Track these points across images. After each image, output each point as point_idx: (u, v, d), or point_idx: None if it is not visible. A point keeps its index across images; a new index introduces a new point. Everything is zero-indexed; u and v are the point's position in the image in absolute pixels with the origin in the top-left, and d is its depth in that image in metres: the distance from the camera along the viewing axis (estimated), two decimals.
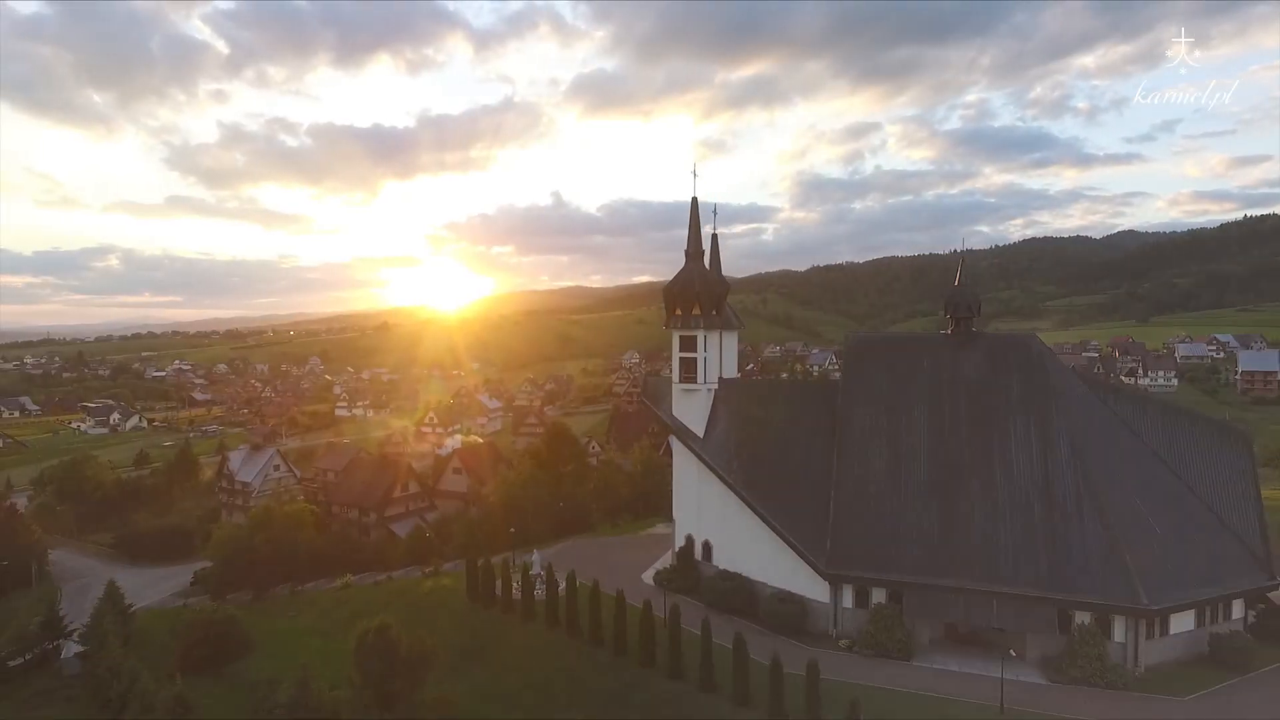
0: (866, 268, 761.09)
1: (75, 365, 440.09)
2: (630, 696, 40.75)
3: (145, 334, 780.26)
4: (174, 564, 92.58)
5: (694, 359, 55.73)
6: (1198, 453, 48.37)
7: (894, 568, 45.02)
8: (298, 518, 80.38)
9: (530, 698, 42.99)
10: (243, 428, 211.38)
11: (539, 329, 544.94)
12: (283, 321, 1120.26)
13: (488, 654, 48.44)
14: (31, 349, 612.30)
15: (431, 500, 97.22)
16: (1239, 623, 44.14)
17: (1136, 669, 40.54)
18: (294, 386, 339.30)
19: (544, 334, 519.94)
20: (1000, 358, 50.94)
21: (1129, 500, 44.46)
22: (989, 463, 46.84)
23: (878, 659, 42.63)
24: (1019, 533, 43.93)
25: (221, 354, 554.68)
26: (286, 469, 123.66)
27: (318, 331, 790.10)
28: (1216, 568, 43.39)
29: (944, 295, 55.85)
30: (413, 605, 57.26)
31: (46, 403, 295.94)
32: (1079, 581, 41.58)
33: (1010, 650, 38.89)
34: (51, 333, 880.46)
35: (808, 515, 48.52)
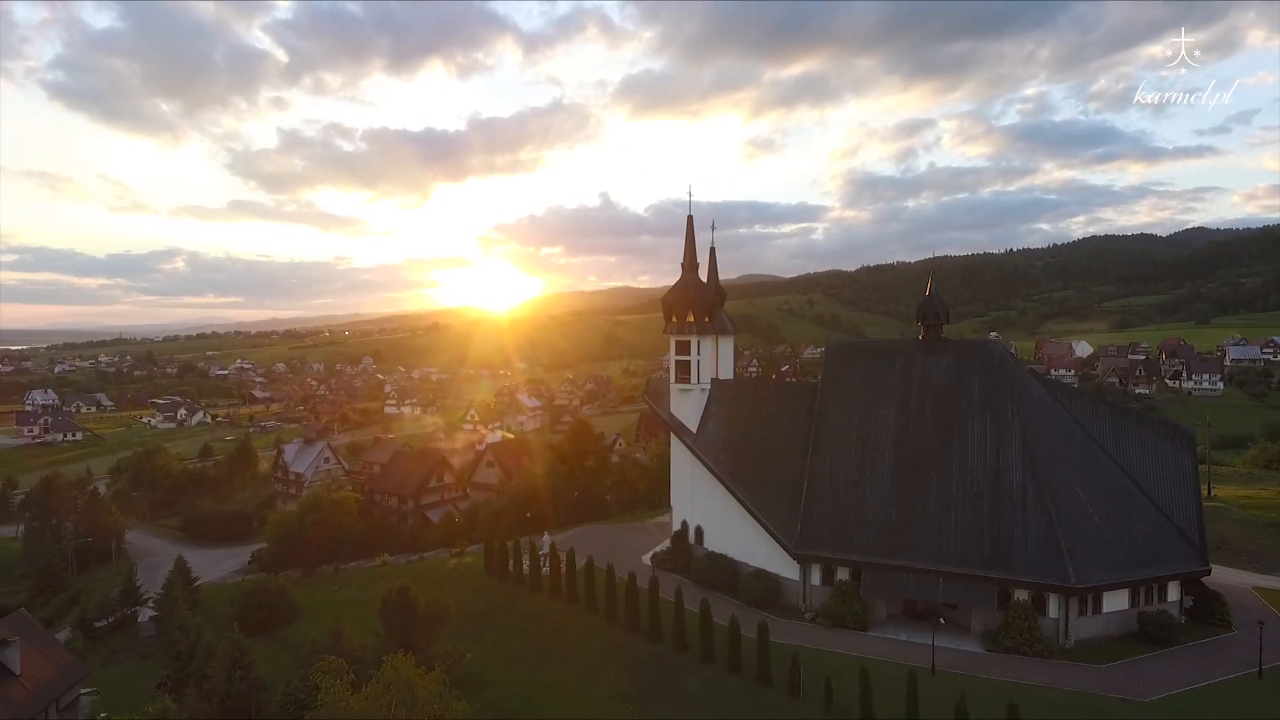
0: (917, 267, 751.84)
1: (145, 364, 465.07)
2: (615, 655, 46.97)
3: (209, 334, 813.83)
4: (234, 545, 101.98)
5: (688, 361, 61.72)
6: (1144, 450, 52.58)
7: (855, 549, 50.34)
8: (343, 505, 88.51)
9: (531, 656, 49.53)
10: (298, 424, 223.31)
11: (586, 329, 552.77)
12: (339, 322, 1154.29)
13: (499, 620, 55.19)
14: (105, 348, 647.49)
15: (465, 490, 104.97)
16: (1175, 605, 48.35)
17: (1066, 641, 45.18)
18: (347, 385, 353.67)
19: (591, 334, 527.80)
20: (965, 362, 55.73)
21: (1072, 491, 48.97)
22: (947, 457, 51.75)
23: (836, 629, 48.00)
24: (968, 520, 48.83)
25: (280, 353, 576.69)
26: (336, 461, 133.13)
27: (371, 332, 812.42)
28: (1151, 553, 47.67)
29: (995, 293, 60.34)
30: (438, 579, 64.45)
31: (120, 399, 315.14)
32: (1017, 563, 46.37)
33: (940, 619, 44.06)
34: (123, 333, 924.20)
35: (783, 503, 54.10)
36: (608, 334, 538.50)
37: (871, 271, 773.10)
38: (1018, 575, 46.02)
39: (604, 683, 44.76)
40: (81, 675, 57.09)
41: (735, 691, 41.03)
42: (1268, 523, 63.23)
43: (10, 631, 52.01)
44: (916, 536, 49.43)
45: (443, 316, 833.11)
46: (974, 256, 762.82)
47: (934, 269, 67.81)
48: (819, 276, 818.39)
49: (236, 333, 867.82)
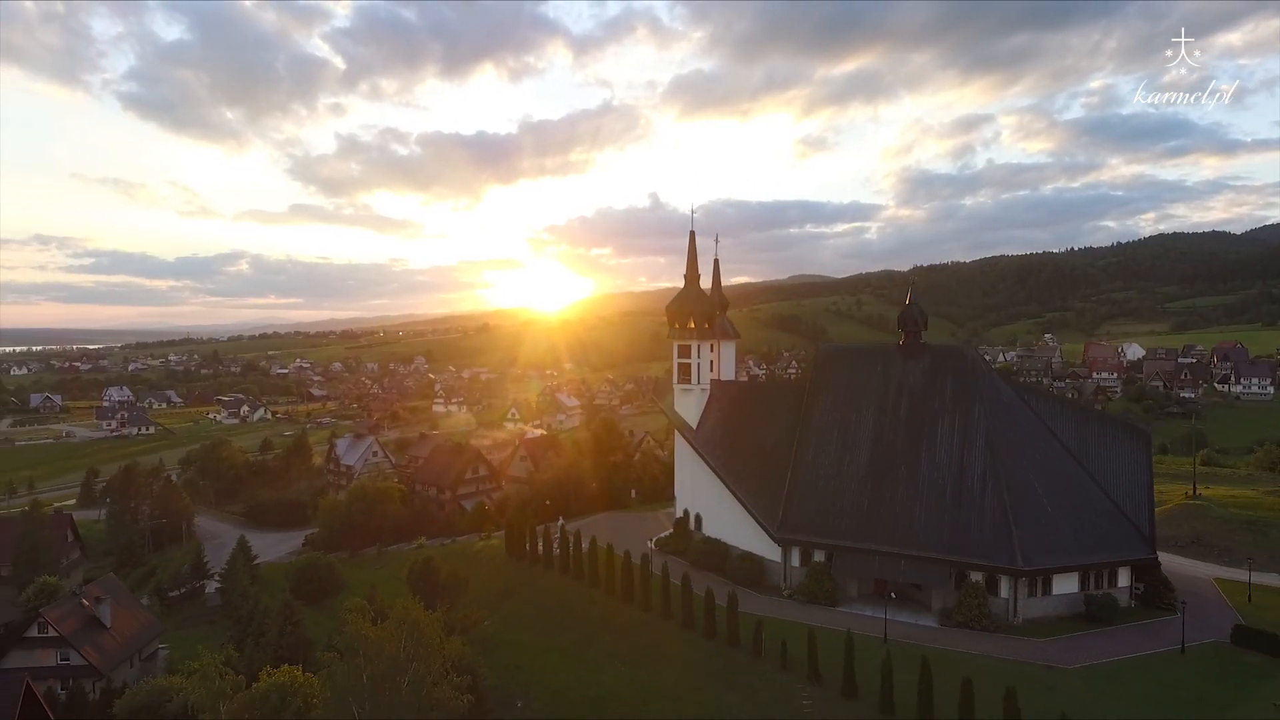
0: (972, 268, 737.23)
1: (211, 363, 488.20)
2: (611, 622, 53.40)
3: (271, 334, 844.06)
4: (290, 530, 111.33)
5: (689, 364, 67.82)
6: (1103, 448, 56.89)
7: (830, 534, 55.85)
8: (386, 494, 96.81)
9: (540, 623, 56.25)
10: (352, 421, 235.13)
11: (634, 330, 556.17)
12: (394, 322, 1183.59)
13: (515, 593, 62.10)
14: (174, 347, 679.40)
15: (499, 482, 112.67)
16: (1125, 590, 52.68)
17: (1015, 619, 50.04)
18: (399, 384, 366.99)
19: (639, 335, 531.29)
20: (939, 366, 60.71)
21: (1028, 484, 53.65)
22: (917, 452, 56.87)
23: (809, 605, 53.53)
24: (931, 508, 53.90)
25: (337, 353, 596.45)
26: (383, 455, 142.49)
27: (424, 332, 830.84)
28: (1100, 542, 52.12)
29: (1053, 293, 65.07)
30: (466, 559, 71.76)
31: (188, 396, 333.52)
32: (972, 548, 51.34)
33: (891, 594, 49.43)
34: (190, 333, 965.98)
35: (769, 492, 59.78)
36: (655, 334, 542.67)
37: (924, 272, 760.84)
38: (972, 558, 51.01)
39: (600, 646, 51.25)
40: (159, 633, 66.09)
41: (708, 652, 47.10)
42: (1242, 520, 66.37)
43: (102, 592, 60.99)
44: (885, 523, 54.69)
45: (494, 317, 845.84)
46: (1031, 256, 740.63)
47: (914, 281, 72.55)
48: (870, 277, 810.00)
49: (296, 333, 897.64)
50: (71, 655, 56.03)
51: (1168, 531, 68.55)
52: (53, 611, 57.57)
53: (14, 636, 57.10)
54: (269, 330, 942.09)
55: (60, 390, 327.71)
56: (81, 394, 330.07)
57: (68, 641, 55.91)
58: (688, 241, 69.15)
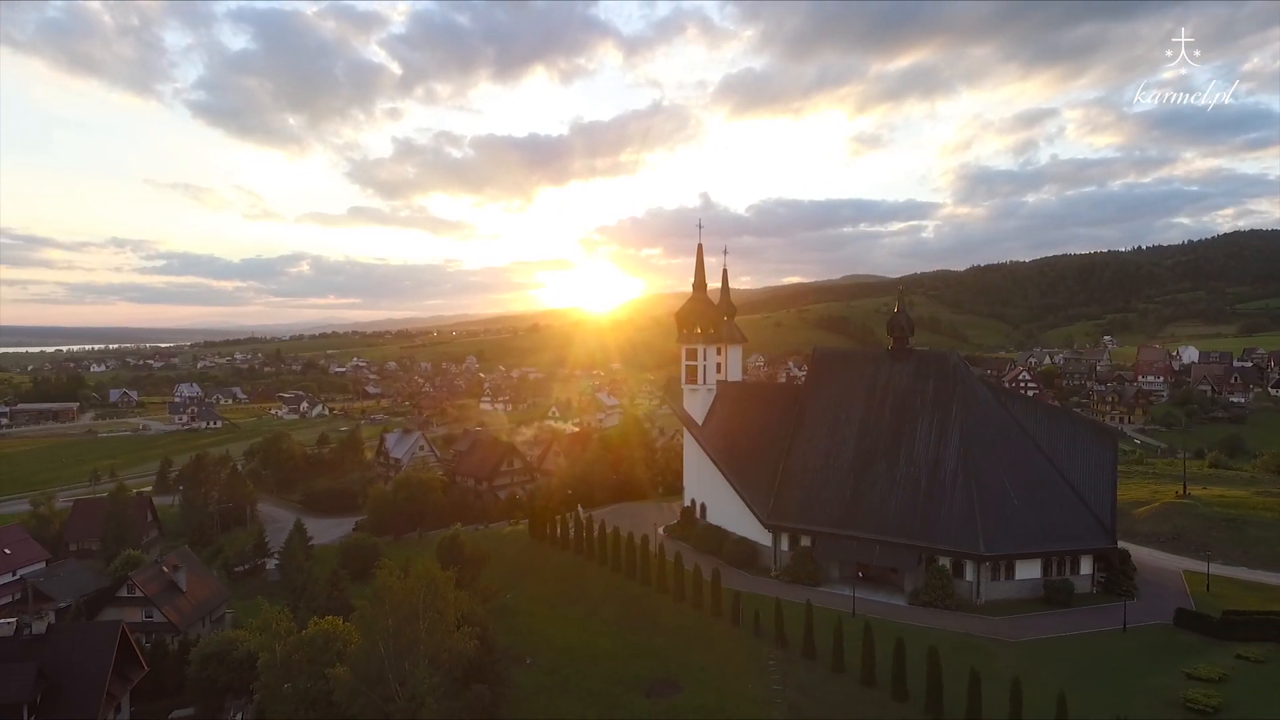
0: (1030, 267, 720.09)
1: (274, 361, 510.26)
2: (614, 595, 60.02)
3: (330, 334, 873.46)
4: (342, 516, 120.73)
5: (695, 366, 74.05)
6: (1072, 446, 61.34)
7: (814, 522, 61.51)
8: (428, 484, 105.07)
9: (554, 596, 63.14)
10: (403, 417, 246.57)
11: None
12: (447, 322, 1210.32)
13: (535, 571, 69.17)
14: (239, 346, 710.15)
15: (533, 474, 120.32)
16: (1088, 577, 57.16)
17: (978, 600, 55.06)
18: (449, 383, 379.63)
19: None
20: (923, 369, 65.83)
21: (997, 478, 58.52)
22: (897, 448, 62.16)
23: (793, 585, 59.17)
24: (906, 499, 59.19)
25: (392, 352, 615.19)
26: (429, 449, 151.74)
27: (476, 332, 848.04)
28: (1063, 531, 56.70)
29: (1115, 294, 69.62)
30: (495, 541, 79.14)
31: (252, 393, 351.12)
32: (940, 535, 56.51)
33: (860, 574, 54.98)
34: (255, 332, 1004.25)
35: (763, 483, 65.62)
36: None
37: (980, 272, 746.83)
38: (939, 544, 56.21)
39: (602, 615, 57.92)
40: (226, 599, 75.18)
41: (694, 621, 53.40)
42: (1222, 518, 69.73)
43: (179, 561, 70.11)
44: (864, 512, 60.18)
45: (545, 317, 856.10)
46: (1094, 255, 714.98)
47: (902, 290, 76.96)
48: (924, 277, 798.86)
49: (354, 333, 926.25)
50: (154, 614, 65.06)
51: (1152, 528, 72.64)
52: (139, 576, 66.79)
53: (108, 596, 66.54)
54: (328, 330, 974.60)
55: (136, 386, 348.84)
56: (155, 390, 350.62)
57: (151, 601, 64.98)
58: (696, 254, 75.40)
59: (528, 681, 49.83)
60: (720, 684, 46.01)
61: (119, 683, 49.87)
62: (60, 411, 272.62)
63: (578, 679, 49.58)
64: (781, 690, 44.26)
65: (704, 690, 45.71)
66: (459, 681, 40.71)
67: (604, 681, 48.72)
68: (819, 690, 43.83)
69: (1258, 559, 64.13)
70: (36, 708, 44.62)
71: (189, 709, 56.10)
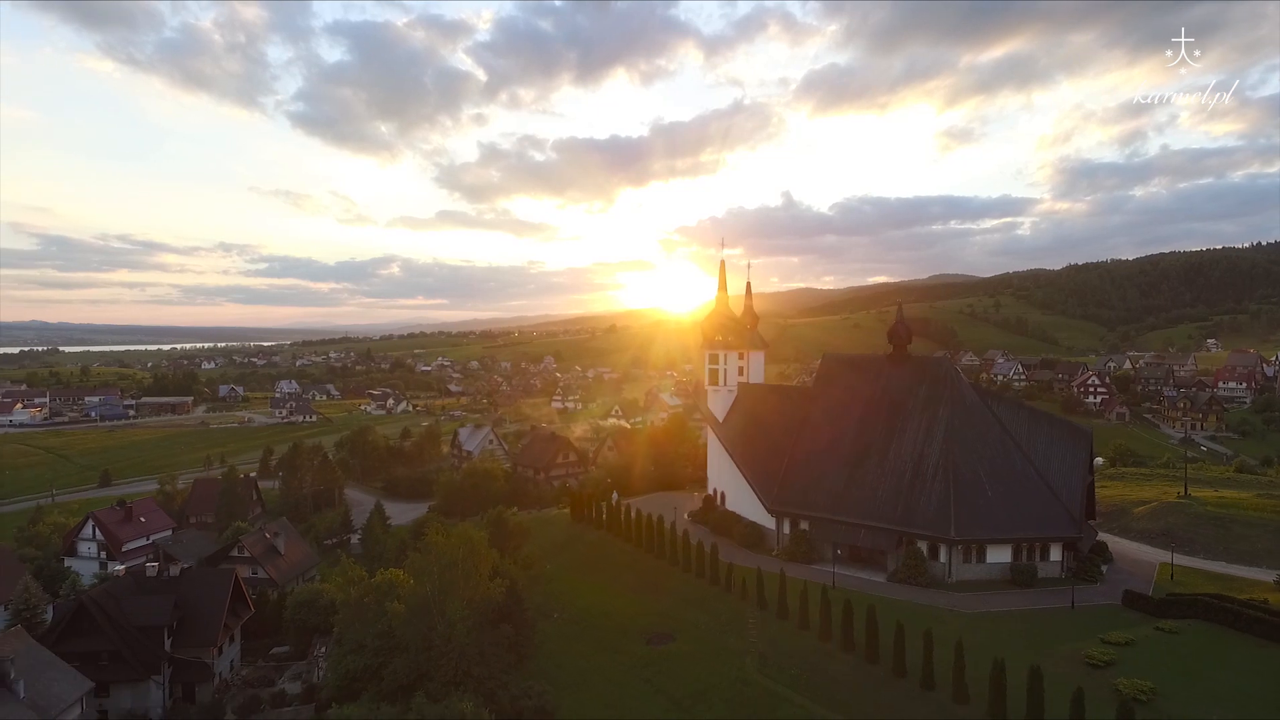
0: (1132, 266, 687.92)
1: (364, 360, 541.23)
2: (635, 567, 69.64)
3: (418, 334, 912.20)
4: (418, 501, 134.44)
5: (718, 369, 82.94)
6: (1049, 444, 67.48)
7: (811, 508, 69.59)
8: (492, 473, 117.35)
9: (585, 567, 73.16)
10: (480, 414, 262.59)
11: (764, 329, 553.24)
12: (529, 323, 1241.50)
13: (572, 547, 79.44)
14: (334, 345, 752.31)
15: (586, 466, 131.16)
16: (1057, 564, 63.37)
17: (950, 579, 62.20)
18: (526, 382, 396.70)
19: (769, 335, 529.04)
20: (918, 373, 73.04)
21: (974, 471, 65.33)
22: (888, 444, 69.62)
23: (790, 563, 67.39)
24: (891, 489, 66.65)
25: (475, 352, 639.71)
26: (497, 442, 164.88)
27: (556, 333, 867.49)
28: (1033, 521, 63.10)
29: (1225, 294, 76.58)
30: (542, 521, 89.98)
31: (344, 389, 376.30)
32: (918, 520, 63.82)
33: (838, 551, 62.95)
34: (348, 332, 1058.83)
35: (770, 474, 74.00)
36: (776, 338, 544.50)
37: (1075, 271, 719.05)
38: (916, 529, 63.57)
39: (622, 581, 67.62)
40: (316, 563, 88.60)
41: (697, 587, 62.54)
42: (1212, 517, 74.03)
43: (279, 529, 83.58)
44: (855, 500, 67.94)
45: (625, 318, 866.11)
46: (1203, 253, 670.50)
47: (900, 306, 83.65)
48: (1015, 276, 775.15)
49: (440, 333, 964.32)
50: (259, 571, 78.53)
51: (1146, 525, 77.49)
52: (247, 539, 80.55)
53: (222, 556, 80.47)
54: (416, 330, 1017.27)
55: (242, 382, 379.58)
56: (258, 386, 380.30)
57: (256, 561, 78.48)
58: (719, 269, 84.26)
59: (553, 631, 59.99)
60: (707, 636, 55.10)
61: (232, 618, 62.71)
62: (177, 405, 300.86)
63: (593, 630, 59.46)
64: (755, 642, 52.97)
65: (693, 640, 54.89)
66: (490, 621, 51.16)
67: (613, 633, 58.42)
68: (785, 643, 52.37)
69: (1236, 554, 68.57)
70: (173, 631, 57.54)
71: (285, 646, 68.82)
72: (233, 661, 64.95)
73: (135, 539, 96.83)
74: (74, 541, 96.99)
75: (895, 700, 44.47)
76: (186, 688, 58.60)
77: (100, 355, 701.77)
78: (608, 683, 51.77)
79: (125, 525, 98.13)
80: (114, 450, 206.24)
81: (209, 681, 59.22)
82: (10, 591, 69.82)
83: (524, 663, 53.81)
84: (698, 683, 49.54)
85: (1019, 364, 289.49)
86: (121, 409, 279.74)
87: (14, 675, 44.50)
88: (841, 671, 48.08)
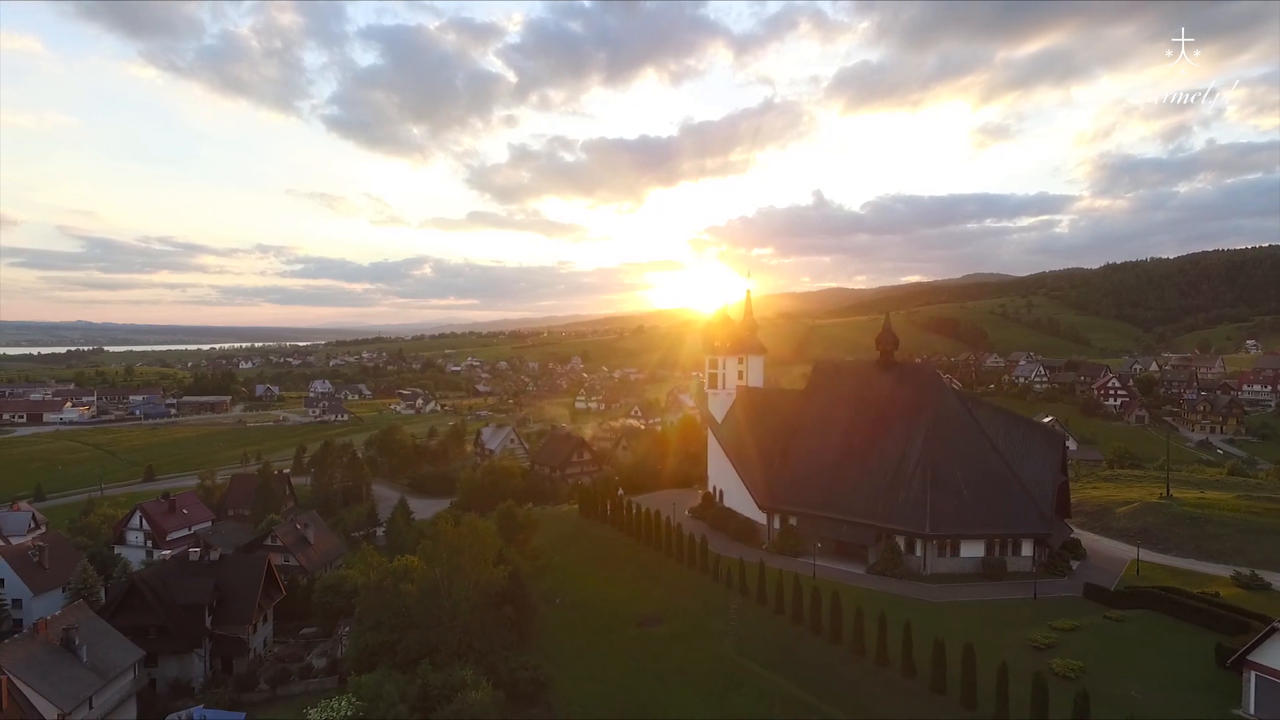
0: (1171, 265, 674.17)
1: (396, 360, 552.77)
2: (635, 558, 74.88)
3: (449, 334, 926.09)
4: (442, 497, 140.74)
5: (716, 374, 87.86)
6: (1025, 447, 71.52)
7: (799, 505, 74.22)
8: (509, 470, 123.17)
9: (588, 558, 78.49)
10: (505, 414, 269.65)
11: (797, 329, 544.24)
12: (559, 323, 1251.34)
13: (578, 539, 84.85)
14: (366, 345, 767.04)
15: (600, 465, 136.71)
16: (1029, 559, 67.32)
17: (925, 571, 66.48)
18: (552, 382, 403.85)
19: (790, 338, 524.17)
20: (904, 379, 77.39)
21: (951, 472, 69.49)
22: (872, 446, 73.96)
23: (778, 555, 72.10)
24: (874, 487, 71.03)
25: (504, 352, 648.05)
26: (518, 441, 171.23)
27: (584, 333, 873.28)
28: (1005, 518, 67.13)
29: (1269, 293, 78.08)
30: (553, 517, 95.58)
31: (376, 389, 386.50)
32: (896, 517, 68.20)
33: (818, 544, 67.55)
34: (381, 332, 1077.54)
35: (765, 473, 78.70)
36: (805, 338, 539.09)
37: (1111, 270, 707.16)
38: (894, 525, 67.95)
39: (623, 573, 72.86)
40: (343, 553, 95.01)
41: (688, 576, 67.61)
42: (1188, 517, 77.25)
43: (309, 521, 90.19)
44: (840, 498, 72.43)
45: (654, 318, 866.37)
46: (1246, 251, 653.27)
47: (889, 315, 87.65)
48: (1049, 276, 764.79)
49: (470, 333, 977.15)
50: (290, 559, 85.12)
51: (1126, 524, 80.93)
52: (279, 530, 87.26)
53: (257, 544, 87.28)
54: (447, 330, 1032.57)
55: (277, 382, 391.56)
56: (293, 385, 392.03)
57: (288, 549, 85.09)
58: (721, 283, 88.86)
59: (554, 615, 65.46)
60: (692, 620, 60.17)
61: (265, 600, 69.13)
62: (216, 404, 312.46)
63: (591, 615, 64.78)
64: (735, 625, 57.97)
65: (679, 623, 59.99)
66: (493, 603, 56.73)
67: (609, 617, 63.68)
68: (762, 626, 57.27)
69: (1207, 552, 71.89)
70: (213, 609, 64.03)
71: (314, 627, 75.18)
72: (266, 639, 71.39)
73: (178, 529, 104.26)
74: (123, 531, 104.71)
75: (852, 675, 49.25)
76: (225, 660, 65.16)
77: (143, 355, 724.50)
78: (599, 660, 57.08)
79: (169, 516, 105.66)
80: (157, 447, 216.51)
81: (245, 655, 65.66)
82: (69, 575, 77.05)
83: (526, 641, 59.29)
84: (678, 660, 54.66)
85: (1040, 365, 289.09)
86: (164, 408, 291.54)
87: (78, 642, 51.02)
88: (808, 651, 52.91)
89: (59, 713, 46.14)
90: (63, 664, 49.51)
